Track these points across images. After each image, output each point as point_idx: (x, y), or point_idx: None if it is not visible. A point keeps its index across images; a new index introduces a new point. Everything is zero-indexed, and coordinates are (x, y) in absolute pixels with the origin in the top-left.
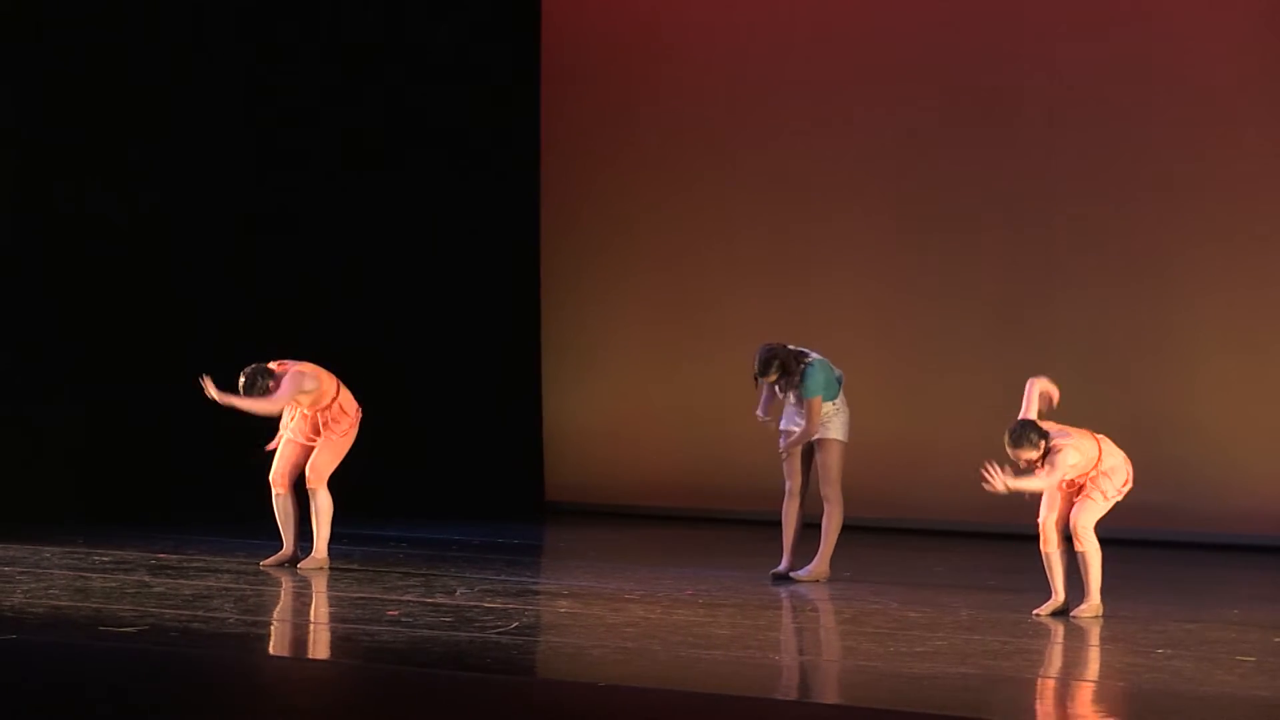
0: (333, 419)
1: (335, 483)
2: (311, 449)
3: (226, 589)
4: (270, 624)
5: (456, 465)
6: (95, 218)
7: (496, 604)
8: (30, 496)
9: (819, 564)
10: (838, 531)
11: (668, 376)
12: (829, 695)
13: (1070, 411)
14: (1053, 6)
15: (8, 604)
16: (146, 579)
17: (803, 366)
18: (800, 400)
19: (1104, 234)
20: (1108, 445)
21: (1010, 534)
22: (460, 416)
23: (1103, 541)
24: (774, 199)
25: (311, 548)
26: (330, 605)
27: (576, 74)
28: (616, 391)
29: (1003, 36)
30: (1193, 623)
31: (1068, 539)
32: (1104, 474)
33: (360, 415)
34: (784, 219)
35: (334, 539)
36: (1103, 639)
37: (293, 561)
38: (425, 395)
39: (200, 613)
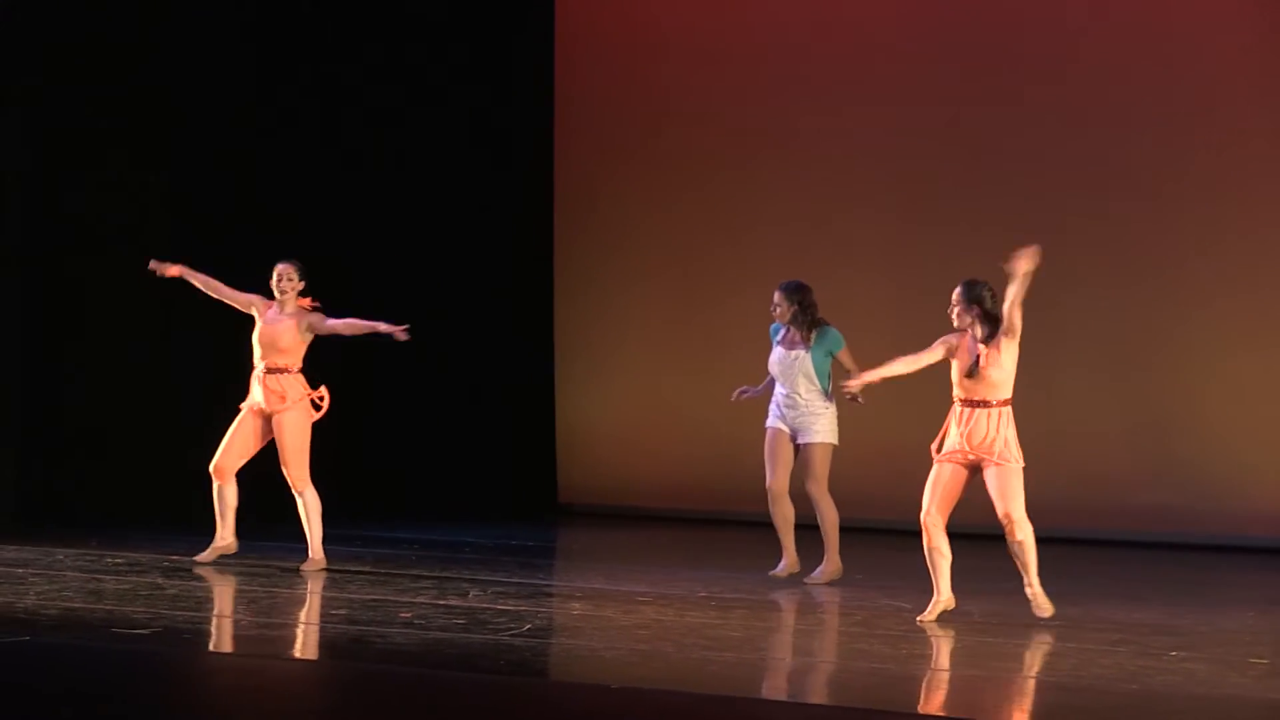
0: (289, 389)
1: (343, 483)
2: (256, 441)
3: (240, 591)
4: (283, 626)
5: (469, 467)
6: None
7: (509, 606)
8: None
9: (829, 564)
10: (837, 528)
11: (680, 378)
12: (841, 698)
13: (1079, 411)
14: (1065, 8)
15: (21, 606)
16: (159, 581)
17: (823, 323)
18: (792, 373)
19: (1114, 234)
20: None
21: None
22: (473, 419)
23: (1112, 544)
24: (786, 199)
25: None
26: (343, 607)
27: (590, 76)
28: (629, 393)
29: (1013, 37)
30: (1206, 625)
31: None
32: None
33: (325, 402)
34: (796, 219)
35: (347, 540)
36: (1115, 641)
37: (226, 553)
38: (438, 397)
39: (213, 615)
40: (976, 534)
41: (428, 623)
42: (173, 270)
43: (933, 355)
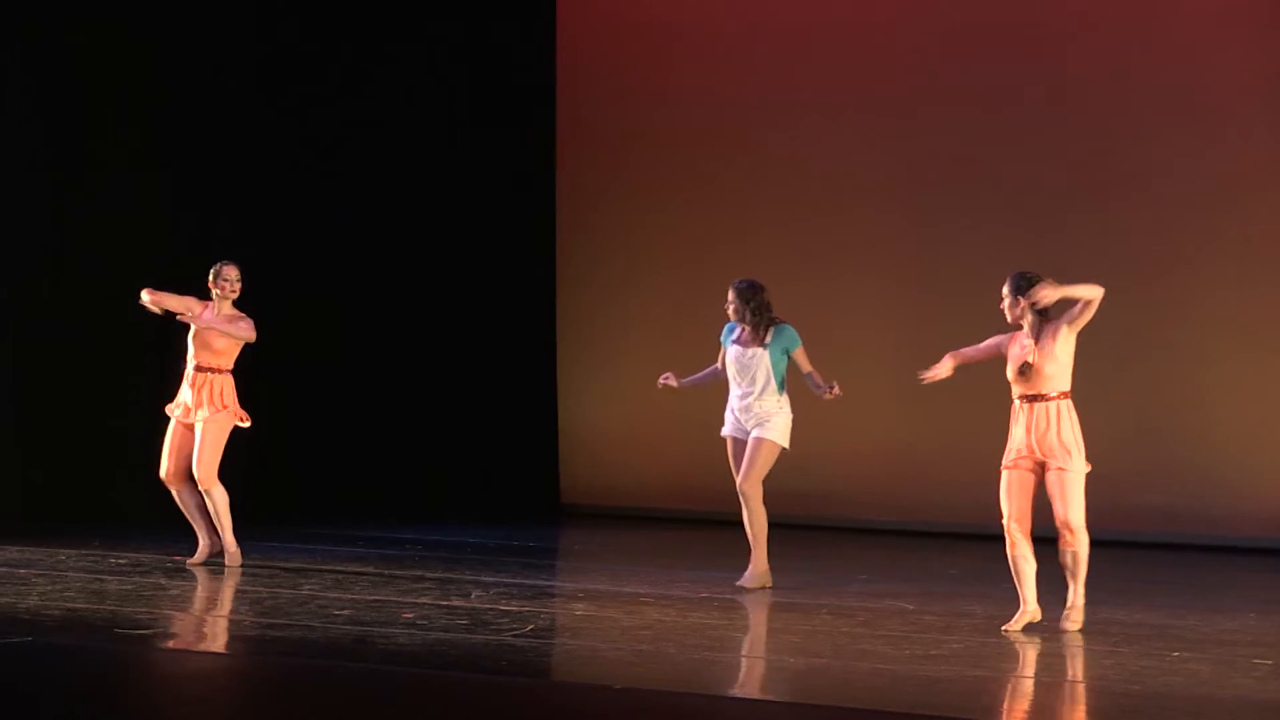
0: (220, 395)
1: (346, 484)
2: (194, 441)
3: (242, 591)
4: (285, 626)
5: (472, 468)
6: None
7: (512, 606)
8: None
9: (756, 568)
10: (765, 531)
11: (685, 375)
12: (845, 699)
13: (1083, 412)
14: (1067, 8)
15: (23, 606)
16: (162, 581)
17: (779, 321)
18: (750, 371)
19: (1115, 234)
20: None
21: None
22: (476, 419)
23: (1114, 544)
24: (789, 198)
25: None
26: (346, 608)
27: (592, 76)
28: (632, 394)
29: (1016, 36)
30: (1208, 626)
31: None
32: (1075, 431)
33: (247, 422)
34: (799, 218)
35: (350, 541)
36: (1118, 642)
37: (215, 553)
38: (440, 398)
39: (216, 615)
40: (980, 535)
41: (430, 623)
42: (147, 299)
43: (979, 353)
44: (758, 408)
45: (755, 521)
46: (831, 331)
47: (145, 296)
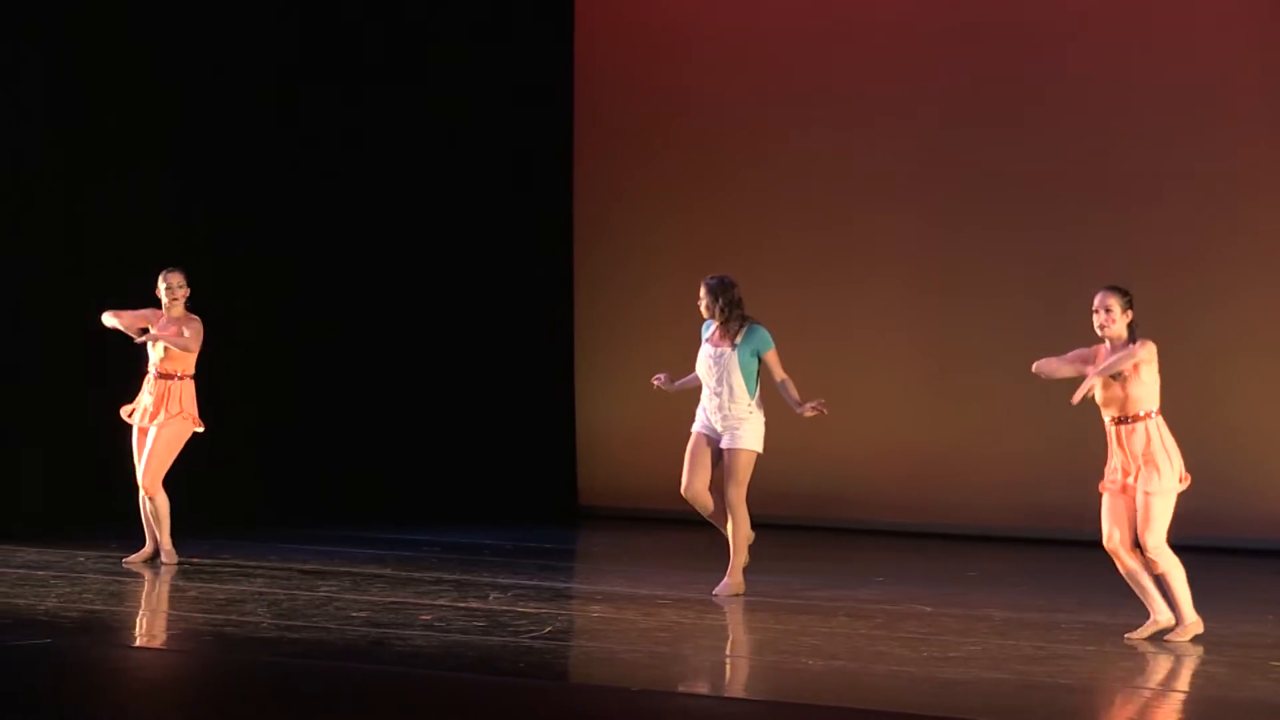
0: (179, 400)
1: (362, 486)
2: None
3: (260, 593)
4: (302, 628)
5: (489, 470)
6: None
7: (529, 608)
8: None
9: (732, 578)
10: (747, 543)
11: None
12: (862, 701)
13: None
14: (1083, 10)
15: (42, 608)
16: (180, 584)
17: (752, 321)
18: (719, 372)
19: (1136, 234)
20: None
21: (1043, 539)
22: (493, 421)
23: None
24: (805, 201)
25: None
26: (363, 610)
27: (609, 78)
28: (649, 396)
29: (1031, 37)
30: (1226, 628)
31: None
32: (1166, 449)
33: (201, 429)
34: (815, 221)
35: (367, 544)
36: (1136, 644)
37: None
38: (458, 400)
39: (233, 617)
40: (997, 537)
41: (448, 625)
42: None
43: (1067, 367)
44: (729, 411)
45: (738, 532)
46: (849, 334)
47: (106, 319)
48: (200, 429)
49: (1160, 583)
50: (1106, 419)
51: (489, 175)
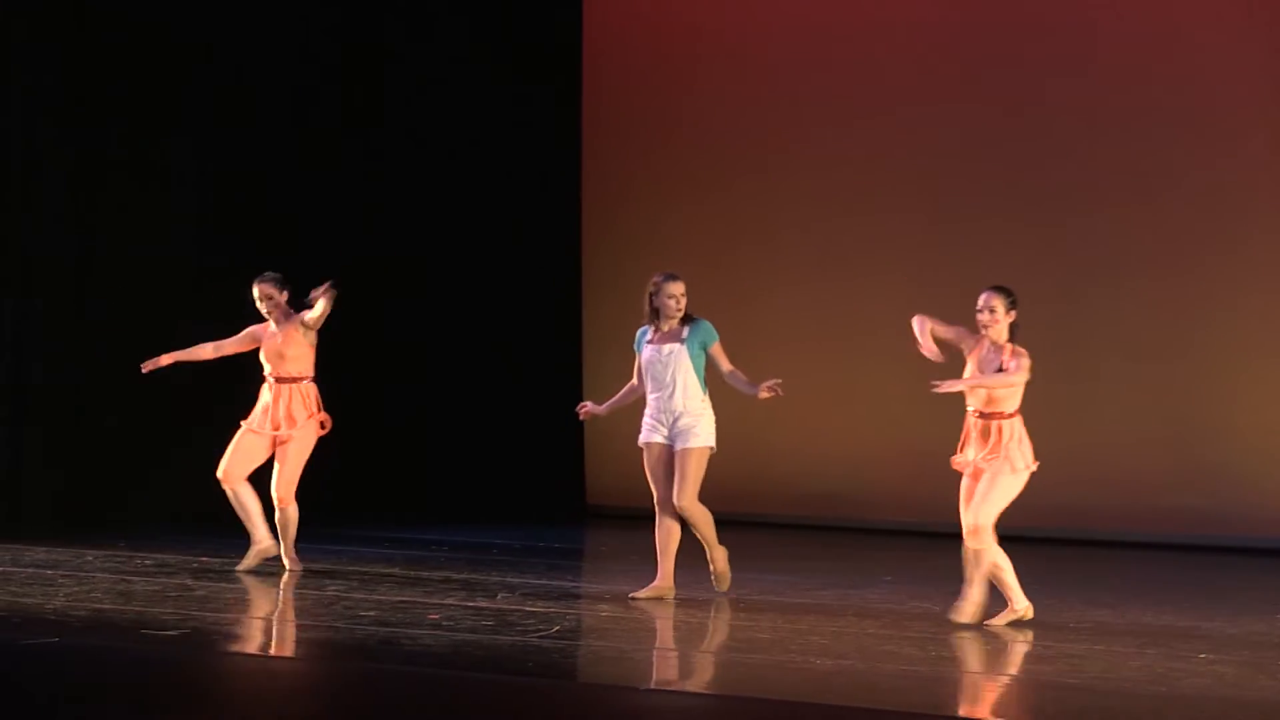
0: (300, 408)
1: (371, 485)
2: (263, 453)
3: (268, 592)
4: (310, 626)
5: (498, 469)
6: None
7: (538, 608)
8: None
9: (717, 566)
10: (713, 527)
11: (707, 378)
12: (870, 700)
13: (1106, 414)
14: (1088, 11)
15: (50, 607)
16: (188, 582)
17: (694, 317)
18: (667, 371)
19: (1145, 233)
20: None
21: (1049, 538)
22: (501, 420)
23: (1139, 546)
24: (813, 198)
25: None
26: (372, 609)
27: (617, 76)
28: None
29: (1038, 37)
30: (1235, 628)
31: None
32: (1020, 448)
33: (329, 425)
34: (823, 218)
35: (376, 543)
36: (1143, 643)
37: (271, 554)
38: (466, 400)
39: (242, 616)
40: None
41: (456, 624)
42: (164, 361)
43: (945, 331)
44: (682, 409)
45: (700, 526)
46: (854, 332)
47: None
48: (327, 430)
49: (974, 558)
50: (969, 409)
51: (497, 174)
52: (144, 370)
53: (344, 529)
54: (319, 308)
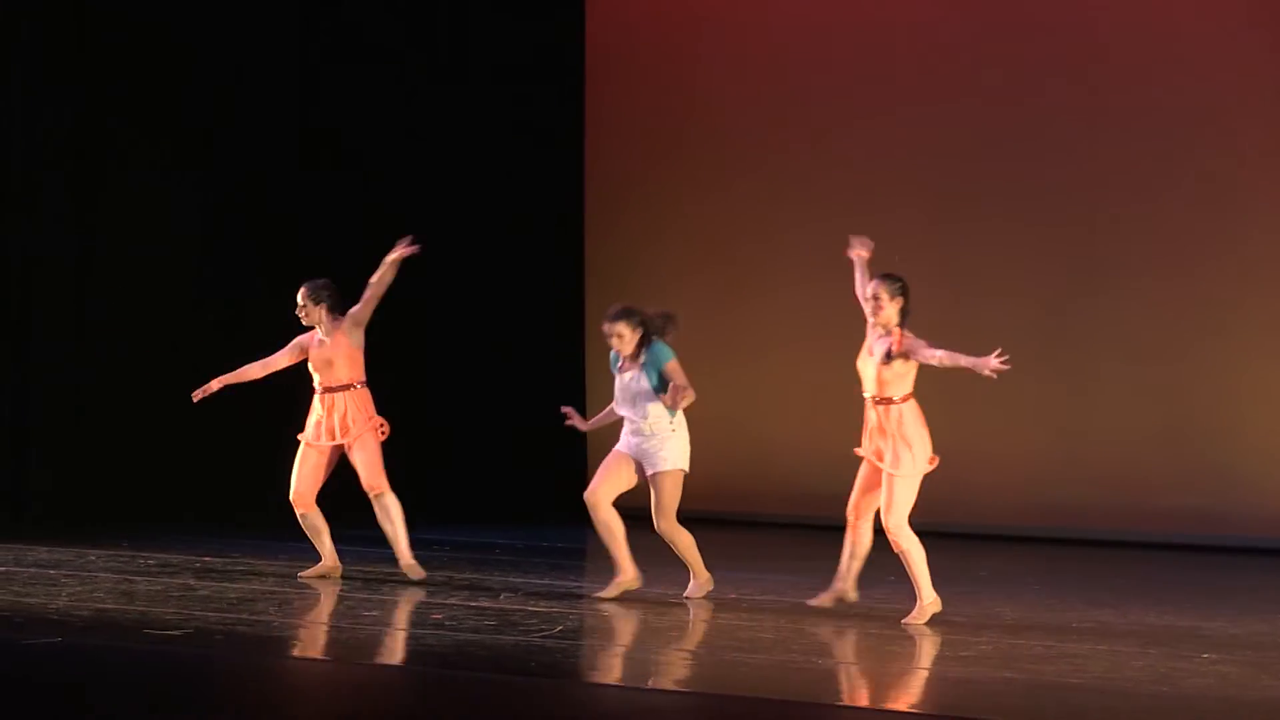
0: (356, 413)
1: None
2: (327, 467)
3: (271, 592)
4: (314, 628)
5: (500, 468)
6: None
7: (540, 607)
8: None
9: (698, 578)
10: (694, 549)
11: (711, 377)
12: (873, 700)
13: (1109, 413)
14: (1090, 8)
15: (53, 607)
16: (191, 582)
17: (650, 340)
18: (632, 397)
19: (1147, 233)
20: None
21: (1054, 538)
22: (504, 420)
23: (1143, 546)
24: (816, 198)
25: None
26: (374, 609)
27: (620, 73)
28: None
29: (1038, 37)
30: (1238, 628)
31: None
32: (916, 433)
33: (386, 430)
34: (823, 218)
35: (378, 542)
36: (1146, 643)
37: (331, 573)
38: (468, 399)
39: (245, 616)
40: (1009, 536)
41: (458, 624)
42: (214, 386)
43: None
44: (652, 433)
45: (681, 546)
46: (854, 332)
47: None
48: (386, 435)
49: (902, 560)
50: (867, 397)
51: (500, 173)
52: (194, 399)
53: (346, 528)
54: (376, 282)
